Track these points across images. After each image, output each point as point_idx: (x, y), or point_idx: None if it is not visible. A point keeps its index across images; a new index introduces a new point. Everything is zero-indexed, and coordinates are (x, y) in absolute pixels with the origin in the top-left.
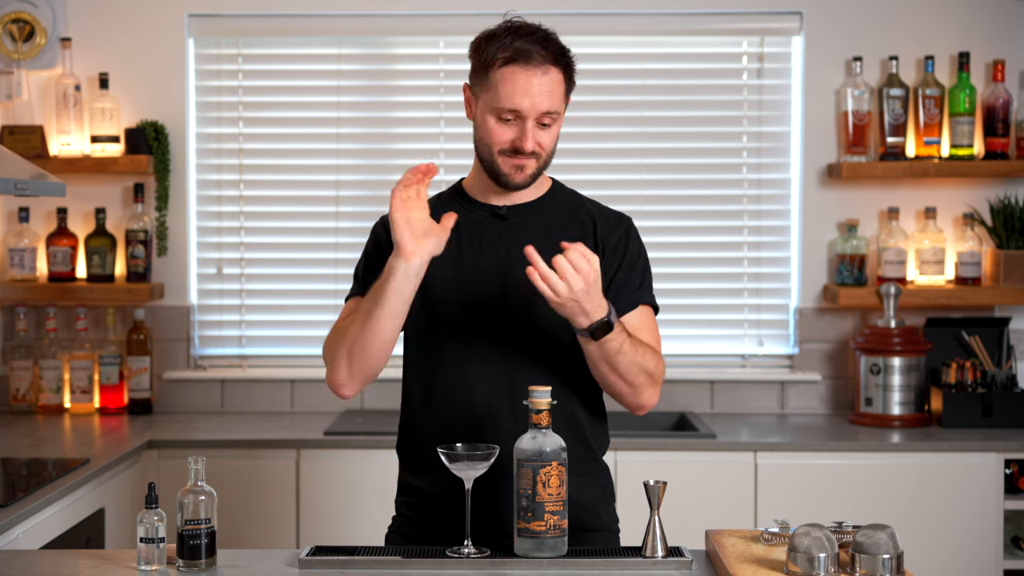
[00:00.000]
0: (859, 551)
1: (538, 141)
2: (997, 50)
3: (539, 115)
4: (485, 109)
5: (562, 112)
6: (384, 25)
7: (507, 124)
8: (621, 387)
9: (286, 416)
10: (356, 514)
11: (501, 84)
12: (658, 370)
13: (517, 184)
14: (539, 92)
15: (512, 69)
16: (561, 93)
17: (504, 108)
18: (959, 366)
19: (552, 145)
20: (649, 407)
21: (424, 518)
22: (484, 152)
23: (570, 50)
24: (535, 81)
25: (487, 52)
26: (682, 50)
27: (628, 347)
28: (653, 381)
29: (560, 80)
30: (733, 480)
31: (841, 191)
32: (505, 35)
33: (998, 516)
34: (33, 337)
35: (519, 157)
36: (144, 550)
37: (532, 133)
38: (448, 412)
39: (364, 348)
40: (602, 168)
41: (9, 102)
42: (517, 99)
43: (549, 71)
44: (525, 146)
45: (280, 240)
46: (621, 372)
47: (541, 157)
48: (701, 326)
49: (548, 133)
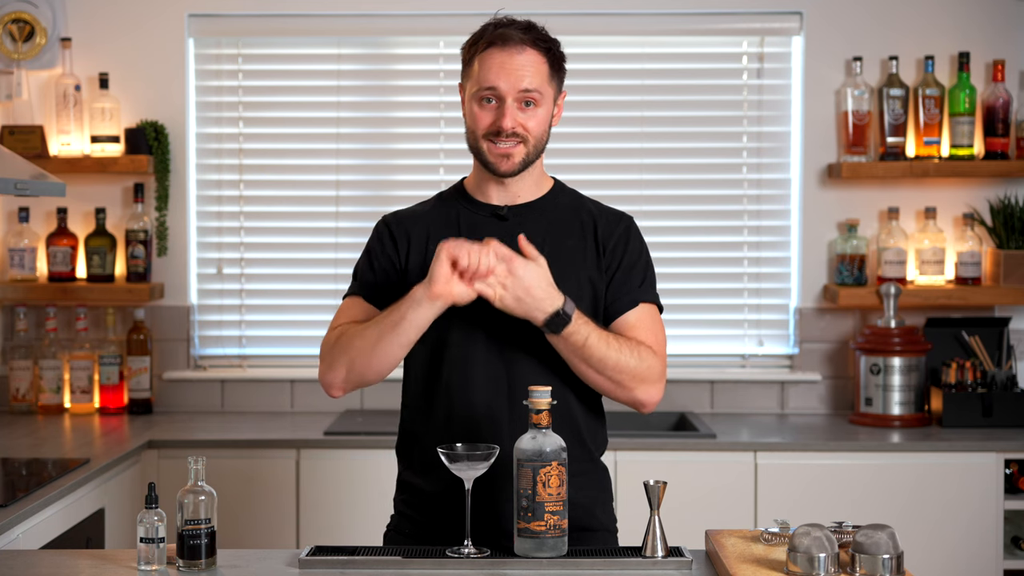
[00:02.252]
0: (859, 551)
1: (521, 123)
2: (997, 50)
3: (518, 93)
4: (469, 97)
5: (547, 95)
6: (384, 25)
7: (488, 107)
8: (603, 383)
9: (286, 416)
10: (356, 514)
11: (481, 67)
12: (645, 366)
13: (505, 172)
14: (517, 70)
15: (491, 51)
16: (544, 75)
17: (483, 87)
18: (959, 366)
19: (539, 130)
20: (650, 404)
21: (423, 517)
22: (471, 140)
23: (556, 40)
24: (513, 59)
25: (472, 46)
26: (682, 50)
27: (596, 340)
28: (641, 378)
29: (541, 61)
30: (733, 480)
31: (841, 191)
32: (489, 26)
33: (998, 516)
34: (33, 337)
35: (502, 142)
36: (144, 550)
37: (512, 112)
38: (448, 412)
39: (369, 365)
40: (602, 168)
41: (9, 102)
42: (493, 77)
43: (526, 50)
44: (504, 124)
45: (280, 240)
46: (595, 366)
47: (528, 142)
48: (701, 326)
49: (533, 117)
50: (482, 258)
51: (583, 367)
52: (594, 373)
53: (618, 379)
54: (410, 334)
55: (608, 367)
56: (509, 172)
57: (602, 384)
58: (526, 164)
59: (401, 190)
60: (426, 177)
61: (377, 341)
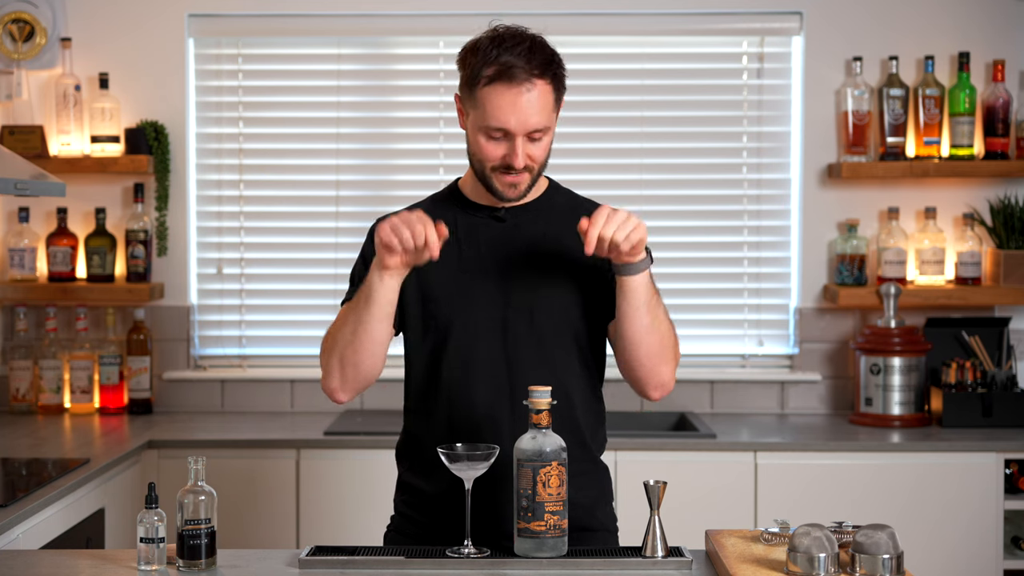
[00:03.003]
0: (859, 551)
1: (529, 155)
2: (997, 50)
3: (528, 132)
4: (475, 127)
5: (552, 124)
6: (384, 25)
7: (497, 141)
8: (652, 345)
9: (286, 416)
10: (356, 514)
11: (487, 103)
12: (674, 339)
13: (511, 199)
14: (526, 110)
15: (497, 88)
16: (550, 106)
17: (492, 127)
18: (959, 366)
19: (544, 156)
20: (667, 386)
21: (423, 517)
22: (477, 167)
23: (558, 55)
24: (522, 99)
25: (473, 68)
26: (682, 50)
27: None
28: (674, 352)
29: (548, 91)
30: (733, 480)
31: (841, 191)
32: (490, 47)
33: (998, 516)
34: (33, 337)
35: (511, 174)
36: (144, 550)
37: (522, 149)
38: (449, 413)
39: (356, 353)
40: (602, 168)
41: (9, 102)
42: (503, 118)
43: (535, 86)
44: (515, 163)
45: (280, 240)
46: (660, 320)
47: (534, 169)
48: (701, 326)
49: (539, 146)
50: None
51: (646, 321)
52: (652, 329)
53: (664, 341)
54: (384, 307)
55: (665, 324)
56: (516, 199)
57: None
58: (530, 187)
59: (401, 190)
60: (426, 177)
61: (356, 325)
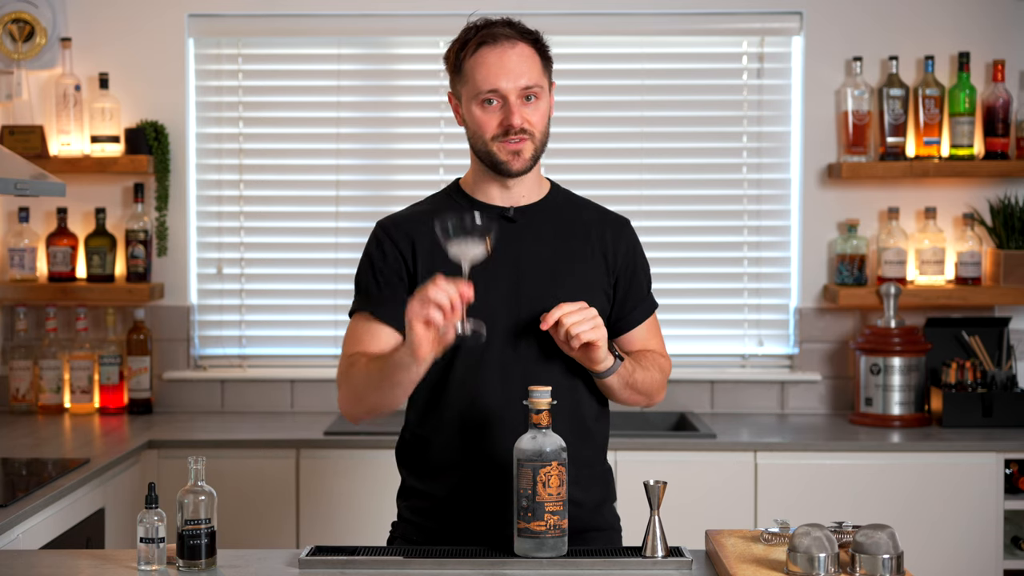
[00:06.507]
0: (859, 551)
1: (526, 118)
2: (997, 50)
3: (520, 90)
4: (469, 102)
5: (545, 88)
6: (384, 25)
7: (492, 109)
8: (640, 400)
9: (286, 416)
10: (356, 514)
11: (476, 70)
12: (664, 375)
13: (517, 170)
14: (514, 66)
15: (482, 52)
16: (538, 68)
17: (484, 91)
18: (959, 366)
19: (543, 124)
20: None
21: (431, 523)
22: (479, 144)
23: (539, 32)
24: (508, 56)
25: (456, 52)
26: (682, 50)
27: (632, 365)
28: (662, 386)
29: (532, 54)
30: (733, 480)
31: (841, 191)
32: (469, 30)
33: (998, 516)
34: (33, 337)
35: (511, 140)
36: (144, 550)
37: (518, 109)
38: (460, 413)
39: (377, 405)
40: (602, 168)
41: (9, 102)
42: (494, 78)
43: (517, 45)
44: (513, 121)
45: (280, 240)
46: (640, 389)
47: (535, 136)
48: (701, 326)
49: (535, 111)
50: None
51: (627, 393)
52: (638, 395)
53: (649, 392)
54: (407, 387)
55: (646, 387)
56: (521, 170)
57: (638, 402)
58: (535, 160)
59: (401, 190)
60: (426, 177)
61: (378, 388)
